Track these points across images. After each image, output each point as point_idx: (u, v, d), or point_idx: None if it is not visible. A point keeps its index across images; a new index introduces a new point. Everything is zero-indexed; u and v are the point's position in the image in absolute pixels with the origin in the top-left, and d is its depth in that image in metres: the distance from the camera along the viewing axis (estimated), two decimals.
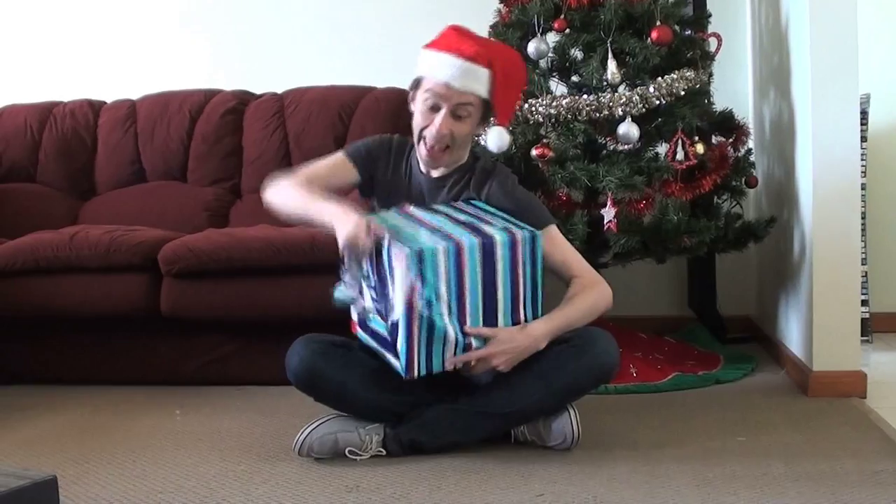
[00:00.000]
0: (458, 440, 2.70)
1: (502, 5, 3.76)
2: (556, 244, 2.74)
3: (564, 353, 2.63)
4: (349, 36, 4.64)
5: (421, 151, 2.72)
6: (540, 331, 2.59)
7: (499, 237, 2.50)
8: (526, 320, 2.58)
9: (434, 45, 2.70)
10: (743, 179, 3.74)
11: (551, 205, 3.42)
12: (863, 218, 3.69)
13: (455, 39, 2.67)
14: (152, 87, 4.61)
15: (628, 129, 3.42)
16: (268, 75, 4.61)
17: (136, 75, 4.73)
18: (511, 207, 2.70)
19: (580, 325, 2.68)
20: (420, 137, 2.70)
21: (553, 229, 2.75)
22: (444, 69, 2.63)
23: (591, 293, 2.70)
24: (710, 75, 3.71)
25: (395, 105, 4.31)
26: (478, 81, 2.63)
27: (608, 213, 3.41)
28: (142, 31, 4.79)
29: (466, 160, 2.82)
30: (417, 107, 2.70)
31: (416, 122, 2.70)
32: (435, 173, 2.79)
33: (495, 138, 2.67)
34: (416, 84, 2.70)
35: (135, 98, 4.60)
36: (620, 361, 2.72)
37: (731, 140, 3.76)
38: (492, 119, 2.80)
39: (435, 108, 2.65)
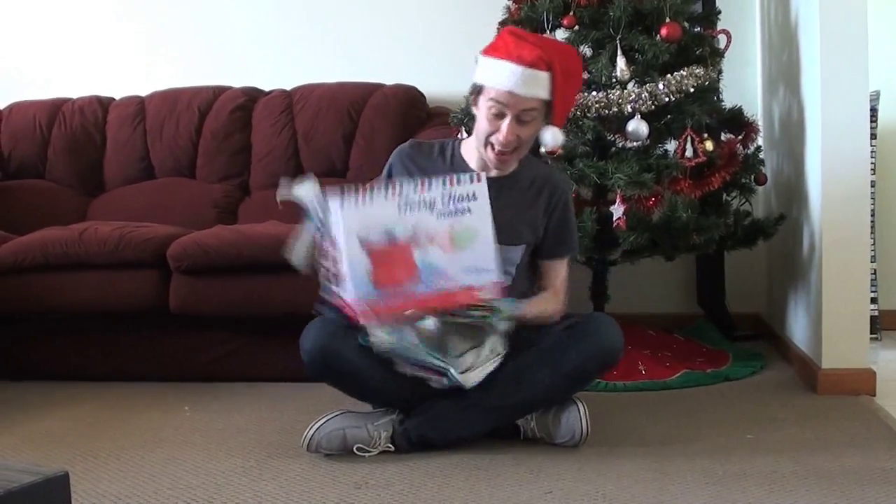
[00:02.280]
0: (468, 434, 2.70)
1: (511, 2, 3.74)
2: (558, 269, 2.87)
3: (569, 339, 2.66)
4: (358, 33, 4.64)
5: (489, 156, 2.72)
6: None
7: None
8: None
9: (493, 51, 2.69)
10: (752, 177, 3.73)
11: None
12: (871, 215, 3.68)
13: (514, 45, 2.65)
14: (161, 84, 4.62)
15: (637, 126, 3.42)
16: (276, 72, 4.61)
17: (145, 72, 4.73)
18: (560, 231, 2.85)
19: (531, 320, 2.74)
20: (487, 143, 2.70)
21: (566, 262, 2.89)
22: (505, 77, 2.62)
23: (554, 300, 2.83)
24: (720, 72, 3.70)
25: (403, 102, 4.32)
26: (539, 86, 2.63)
27: (617, 210, 3.40)
28: (150, 28, 4.79)
29: (520, 165, 2.85)
30: (482, 113, 2.69)
31: (482, 128, 2.70)
32: (490, 173, 2.79)
33: (550, 137, 2.74)
34: (478, 91, 2.70)
35: (143, 95, 4.61)
36: (624, 346, 2.72)
37: (740, 137, 3.75)
38: None
39: (500, 116, 2.65)
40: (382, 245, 2.46)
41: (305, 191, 2.52)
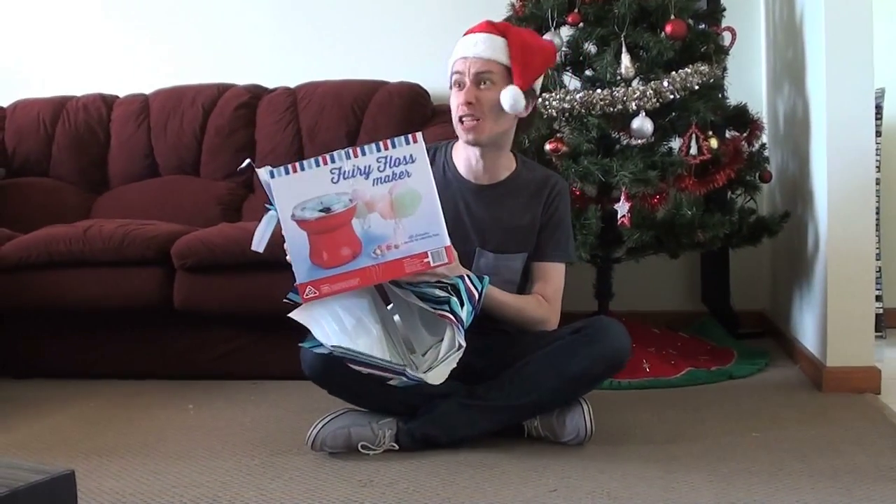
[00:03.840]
0: (472, 434, 2.69)
1: None
2: (551, 274, 2.81)
3: (576, 342, 2.65)
4: (362, 30, 4.63)
5: (458, 132, 2.73)
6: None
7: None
8: None
9: None
10: (757, 174, 3.73)
11: None
12: (876, 213, 3.68)
13: (472, 27, 2.74)
14: (165, 82, 4.61)
15: (642, 124, 3.41)
16: (280, 70, 4.61)
17: (149, 70, 4.73)
18: (554, 231, 2.81)
19: (509, 314, 2.73)
20: (458, 121, 2.71)
21: (561, 266, 2.83)
22: (459, 48, 2.71)
23: (543, 305, 2.77)
24: (724, 69, 3.70)
25: (407, 99, 4.31)
26: (493, 48, 2.67)
27: (622, 207, 3.40)
28: (155, 26, 4.79)
29: (516, 168, 2.84)
30: (451, 95, 2.73)
31: (452, 108, 2.73)
32: (483, 180, 2.80)
33: (508, 97, 2.67)
34: (449, 84, 2.74)
35: (147, 92, 4.61)
36: (632, 350, 2.72)
37: (745, 134, 3.74)
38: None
39: (460, 85, 2.69)
40: (319, 219, 2.41)
41: (261, 173, 2.46)
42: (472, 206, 2.78)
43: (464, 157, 2.80)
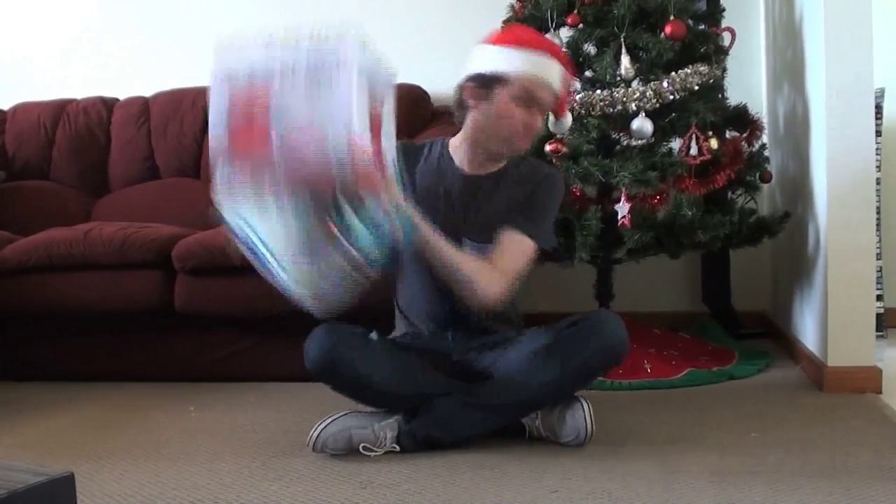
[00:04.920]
0: (473, 433, 2.70)
1: (515, 0, 3.75)
2: (510, 245, 2.68)
3: (574, 335, 2.66)
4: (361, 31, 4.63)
5: (500, 145, 2.73)
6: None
7: None
8: None
9: (508, 40, 2.71)
10: (757, 174, 3.73)
11: (564, 200, 3.42)
12: (877, 213, 3.68)
13: (530, 36, 2.74)
14: (165, 85, 4.61)
15: (642, 125, 3.41)
16: None
17: (149, 72, 4.73)
18: (530, 207, 2.76)
19: (449, 268, 2.58)
20: (513, 133, 2.69)
21: (526, 241, 2.70)
22: (541, 67, 2.66)
23: (487, 269, 2.62)
24: (724, 70, 3.70)
25: (407, 101, 4.30)
26: (557, 78, 2.69)
27: (622, 208, 3.40)
28: (154, 29, 4.79)
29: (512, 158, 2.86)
30: (505, 103, 2.67)
31: (511, 118, 2.67)
32: (479, 171, 2.80)
33: (560, 126, 2.73)
34: (493, 81, 2.67)
35: (147, 95, 4.61)
36: (629, 343, 2.71)
37: (745, 135, 3.74)
38: None
39: (528, 104, 2.66)
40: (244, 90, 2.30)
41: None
42: (464, 194, 2.78)
43: (463, 149, 2.80)
